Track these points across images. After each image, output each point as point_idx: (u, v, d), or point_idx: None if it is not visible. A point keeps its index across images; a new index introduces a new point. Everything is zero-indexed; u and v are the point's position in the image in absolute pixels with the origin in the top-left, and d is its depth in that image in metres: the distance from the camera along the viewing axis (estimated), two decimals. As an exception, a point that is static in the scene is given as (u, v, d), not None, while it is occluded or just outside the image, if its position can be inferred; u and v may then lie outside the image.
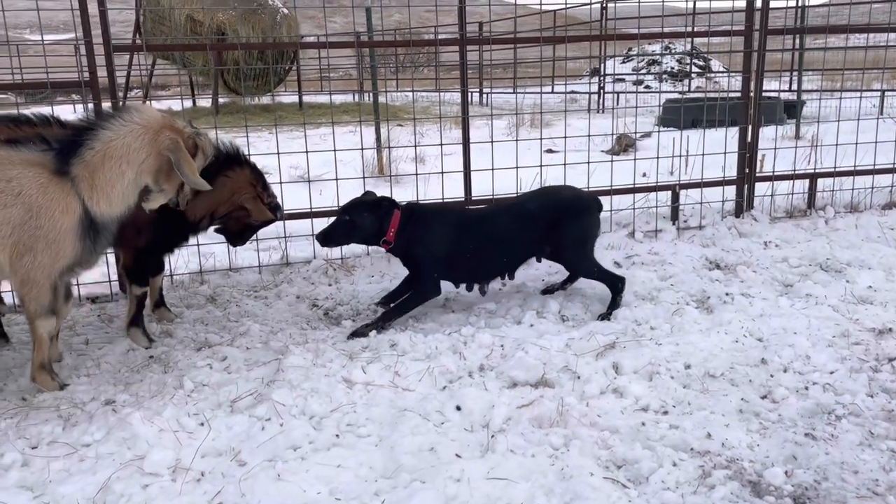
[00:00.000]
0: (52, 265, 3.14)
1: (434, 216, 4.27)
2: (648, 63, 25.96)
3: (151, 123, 3.25)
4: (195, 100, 20.14)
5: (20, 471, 2.69)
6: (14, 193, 3.02)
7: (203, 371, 3.47)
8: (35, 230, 3.06)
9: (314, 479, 2.55)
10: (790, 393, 3.11)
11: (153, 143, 3.21)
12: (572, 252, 4.28)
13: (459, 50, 5.13)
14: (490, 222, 4.28)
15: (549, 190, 4.62)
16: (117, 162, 3.16)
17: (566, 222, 4.21)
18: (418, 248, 4.12)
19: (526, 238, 4.26)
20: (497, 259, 4.27)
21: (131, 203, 3.29)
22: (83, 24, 4.33)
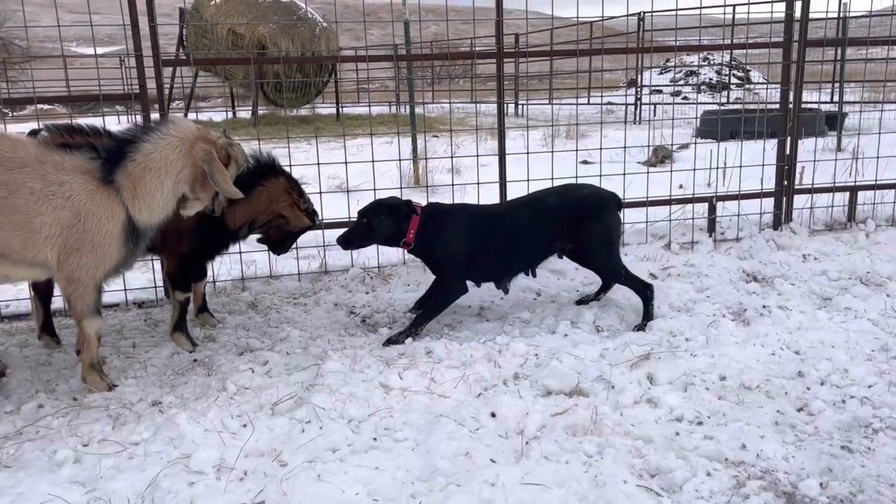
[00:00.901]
0: (97, 267, 3.30)
1: (452, 215, 4.28)
2: (686, 74, 25.81)
3: (187, 136, 3.40)
4: (235, 111, 20.57)
5: (72, 467, 2.80)
6: (65, 197, 3.18)
7: (245, 375, 3.58)
8: (82, 233, 3.22)
9: (353, 480, 2.62)
10: (827, 406, 3.10)
11: (189, 155, 3.37)
12: (595, 251, 4.27)
13: (496, 63, 5.21)
14: (508, 218, 4.28)
15: (567, 187, 4.60)
16: (157, 174, 3.32)
17: (586, 220, 4.20)
18: (438, 247, 4.16)
19: (544, 234, 4.24)
20: (516, 255, 4.28)
21: (170, 211, 3.45)
22: (134, 39, 4.50)
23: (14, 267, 3.25)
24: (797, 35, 5.43)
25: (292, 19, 18.51)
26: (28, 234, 3.18)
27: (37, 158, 3.17)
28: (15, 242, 3.17)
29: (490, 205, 4.60)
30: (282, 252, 4.32)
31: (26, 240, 3.18)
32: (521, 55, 8.20)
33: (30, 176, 3.14)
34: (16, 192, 3.11)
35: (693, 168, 5.66)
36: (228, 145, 3.52)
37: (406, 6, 8.08)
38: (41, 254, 3.22)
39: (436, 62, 25.39)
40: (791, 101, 5.55)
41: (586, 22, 18.94)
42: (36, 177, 3.15)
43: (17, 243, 3.17)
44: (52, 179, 3.18)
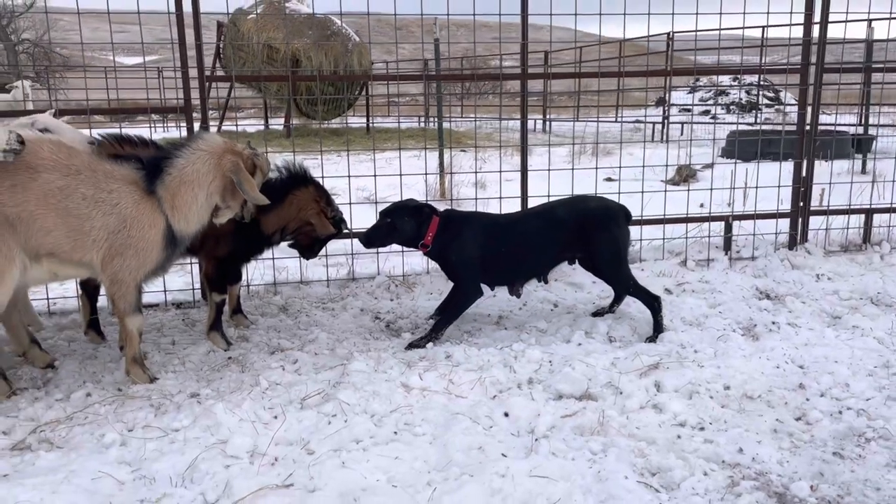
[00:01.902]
0: (139, 269, 3.59)
1: (467, 221, 4.49)
2: (716, 94, 25.84)
3: (215, 149, 3.71)
4: (268, 123, 21.06)
5: (119, 449, 3.05)
6: (113, 204, 3.48)
7: (276, 372, 3.83)
8: (127, 238, 3.51)
9: (374, 468, 2.84)
10: (824, 416, 3.27)
11: (218, 167, 3.67)
12: (605, 262, 4.47)
13: (521, 83, 5.44)
14: (520, 226, 4.48)
15: (578, 198, 4.79)
16: (190, 187, 3.62)
17: (594, 230, 4.39)
18: (453, 252, 4.37)
19: (554, 242, 4.43)
20: (527, 261, 4.47)
21: (205, 220, 3.76)
22: (181, 56, 4.81)
23: (62, 266, 3.53)
24: (815, 58, 5.59)
25: (326, 34, 18.96)
26: (78, 237, 3.46)
27: (89, 166, 3.47)
28: (65, 243, 3.45)
29: (504, 214, 4.79)
30: (311, 257, 4.57)
31: (76, 241, 3.46)
32: (545, 76, 8.38)
33: (83, 182, 3.43)
34: (70, 196, 3.40)
35: (710, 188, 5.83)
36: (254, 156, 3.82)
37: (437, 24, 8.36)
38: (88, 255, 3.51)
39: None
40: (808, 123, 5.70)
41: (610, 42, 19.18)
42: (88, 183, 3.44)
43: (67, 244, 3.46)
44: (103, 187, 3.47)
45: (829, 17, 5.46)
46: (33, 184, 3.35)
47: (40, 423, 3.32)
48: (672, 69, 6.99)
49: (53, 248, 3.46)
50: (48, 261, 3.49)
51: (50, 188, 3.37)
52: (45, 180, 3.36)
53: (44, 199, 3.37)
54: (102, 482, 2.77)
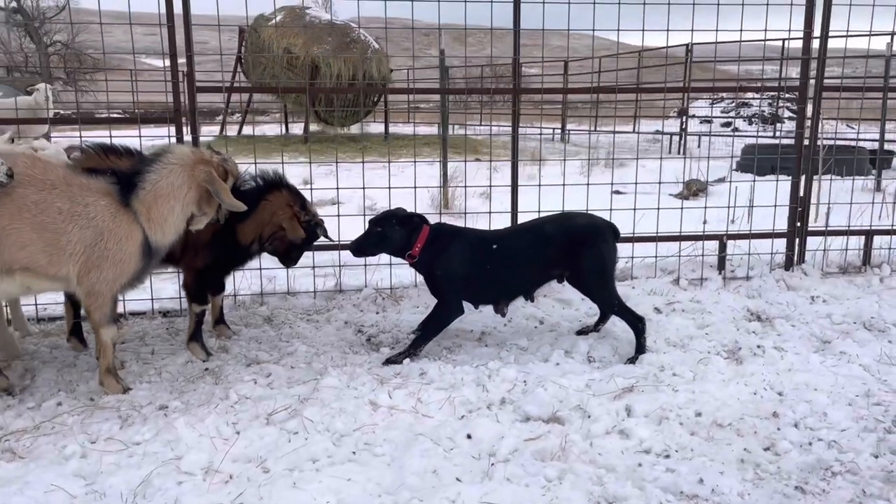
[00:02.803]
0: (115, 281, 3.61)
1: (456, 237, 4.45)
2: (738, 105, 25.56)
3: (186, 161, 3.74)
4: (287, 127, 21.21)
5: (78, 461, 3.06)
6: (89, 217, 3.50)
7: (248, 385, 3.82)
8: (104, 251, 3.52)
9: (325, 489, 2.82)
10: (793, 447, 3.18)
11: (192, 178, 3.70)
12: (590, 280, 4.40)
13: (513, 99, 5.40)
14: (507, 244, 4.42)
15: (565, 215, 4.75)
16: (166, 200, 3.65)
17: (581, 248, 4.33)
18: (439, 266, 4.34)
19: (541, 261, 4.39)
20: (513, 280, 4.43)
21: (181, 230, 3.79)
22: (172, 65, 4.84)
23: (38, 280, 3.54)
24: (814, 74, 5.49)
25: (345, 41, 19.07)
26: (54, 251, 3.48)
27: (65, 180, 3.50)
28: (41, 258, 3.47)
29: (492, 230, 4.75)
30: (290, 265, 4.53)
31: (52, 255, 3.48)
32: (535, 91, 8.36)
33: (58, 197, 3.45)
34: (45, 210, 3.42)
35: (705, 206, 5.75)
36: (223, 161, 3.85)
37: (441, 36, 8.36)
38: (64, 269, 3.52)
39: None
40: (807, 141, 5.60)
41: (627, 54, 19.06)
42: (64, 198, 3.46)
43: (43, 258, 3.47)
44: (79, 201, 3.49)
45: (829, 32, 5.35)
46: (7, 198, 3.37)
47: (7, 432, 3.35)
48: (666, 86, 6.87)
49: (29, 262, 3.47)
50: (22, 275, 3.50)
51: (25, 203, 3.39)
52: (19, 195, 3.38)
53: (18, 214, 3.38)
54: (54, 496, 2.79)
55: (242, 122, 19.98)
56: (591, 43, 5.91)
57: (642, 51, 17.89)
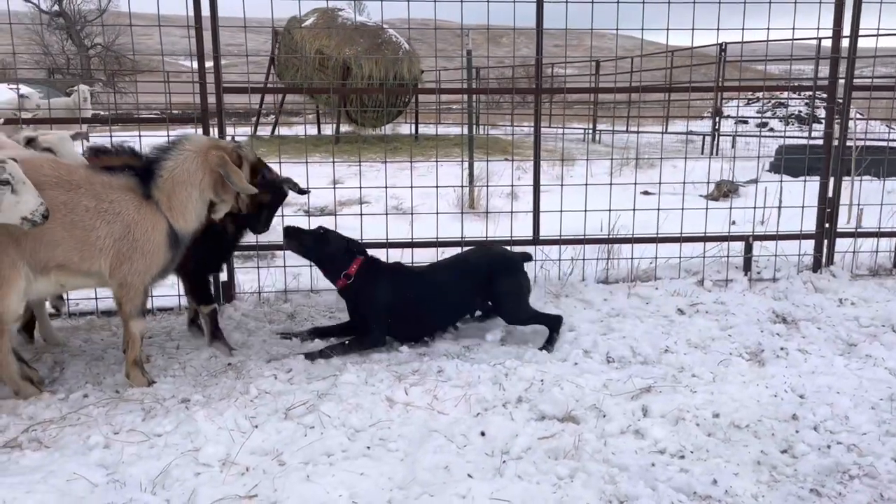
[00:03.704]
0: (146, 272, 3.74)
1: (386, 273, 4.56)
2: (774, 105, 25.14)
3: (200, 147, 3.82)
4: (320, 128, 21.40)
5: (101, 452, 3.15)
6: (115, 213, 3.62)
7: (268, 380, 3.89)
8: (133, 243, 3.65)
9: (338, 482, 2.86)
10: (811, 450, 3.14)
11: (205, 163, 3.78)
12: (506, 305, 4.62)
13: (535, 98, 5.40)
14: (431, 281, 4.59)
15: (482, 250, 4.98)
16: (183, 186, 3.75)
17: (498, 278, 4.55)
18: (365, 299, 4.44)
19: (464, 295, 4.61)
20: (439, 316, 4.63)
21: (202, 217, 3.89)
22: (199, 66, 4.94)
23: (72, 276, 3.69)
24: (843, 74, 5.40)
25: (377, 42, 19.19)
26: (85, 247, 3.61)
27: (87, 179, 3.62)
28: (74, 255, 3.60)
29: (417, 267, 4.87)
30: (261, 229, 4.40)
31: (83, 252, 3.61)
32: (558, 91, 8.36)
33: (84, 195, 3.58)
34: (74, 209, 3.55)
35: (730, 207, 5.68)
36: (238, 148, 3.93)
37: (469, 36, 8.38)
38: (96, 264, 3.66)
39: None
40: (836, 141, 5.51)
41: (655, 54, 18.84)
42: (89, 196, 3.58)
43: (76, 255, 3.61)
44: (104, 198, 3.61)
45: (859, 31, 5.26)
46: None
47: (35, 422, 3.45)
48: (691, 85, 6.80)
49: (63, 260, 3.61)
50: (57, 273, 3.64)
51: (54, 204, 3.48)
52: (49, 197, 3.46)
53: (50, 215, 3.49)
54: (76, 484, 2.86)
55: (276, 123, 20.19)
56: (615, 43, 5.87)
57: (673, 51, 17.70)
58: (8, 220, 3.24)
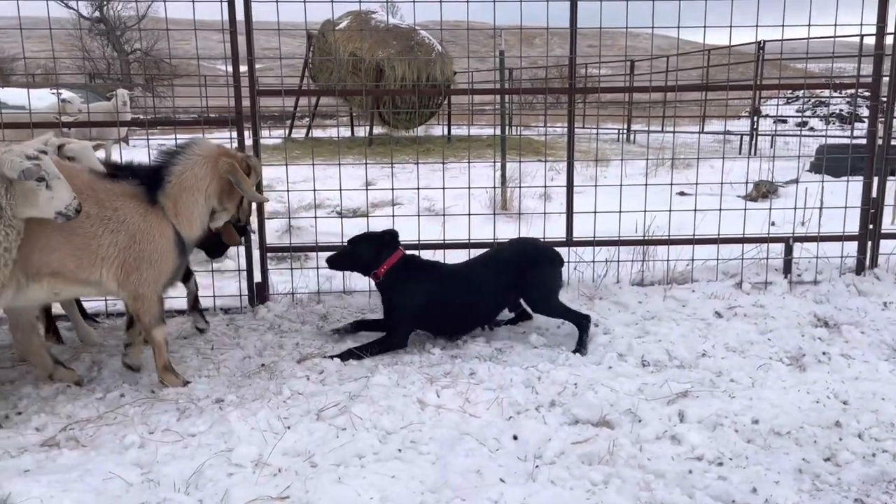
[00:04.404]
0: (157, 281, 3.72)
1: (421, 270, 4.57)
2: (815, 104, 24.62)
3: (209, 153, 3.83)
4: (353, 130, 21.52)
5: (137, 451, 3.18)
6: (120, 221, 3.60)
7: (301, 381, 3.90)
8: (140, 252, 3.63)
9: (369, 485, 2.85)
10: (856, 458, 3.05)
11: (214, 170, 3.79)
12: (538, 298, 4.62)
13: (569, 98, 5.34)
14: (467, 276, 4.60)
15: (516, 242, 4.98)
16: (190, 192, 3.74)
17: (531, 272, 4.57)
18: (398, 296, 4.46)
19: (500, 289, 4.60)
20: (475, 311, 4.64)
21: (206, 224, 3.88)
22: (234, 70, 4.98)
23: (66, 284, 3.61)
24: (888, 71, 5.24)
25: (409, 45, 19.24)
26: (84, 255, 3.56)
27: (90, 185, 3.59)
28: (70, 262, 3.54)
29: (453, 264, 4.85)
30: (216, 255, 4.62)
31: (81, 260, 3.56)
32: (592, 91, 8.28)
33: (86, 202, 3.48)
34: None
35: (769, 207, 5.56)
36: (247, 157, 3.94)
37: (502, 37, 8.34)
38: (95, 273, 3.61)
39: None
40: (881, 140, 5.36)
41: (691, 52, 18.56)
42: (91, 202, 3.52)
43: (72, 263, 3.55)
44: (107, 205, 3.59)
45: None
46: None
47: (73, 421, 3.50)
48: (728, 84, 6.67)
49: (58, 266, 3.53)
50: (50, 280, 3.55)
51: None
52: None
53: (46, 219, 3.37)
54: (112, 483, 2.89)
55: (310, 125, 20.35)
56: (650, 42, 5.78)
57: (710, 49, 17.44)
58: (43, 214, 3.27)
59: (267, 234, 5.45)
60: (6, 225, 3.20)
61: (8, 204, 3.18)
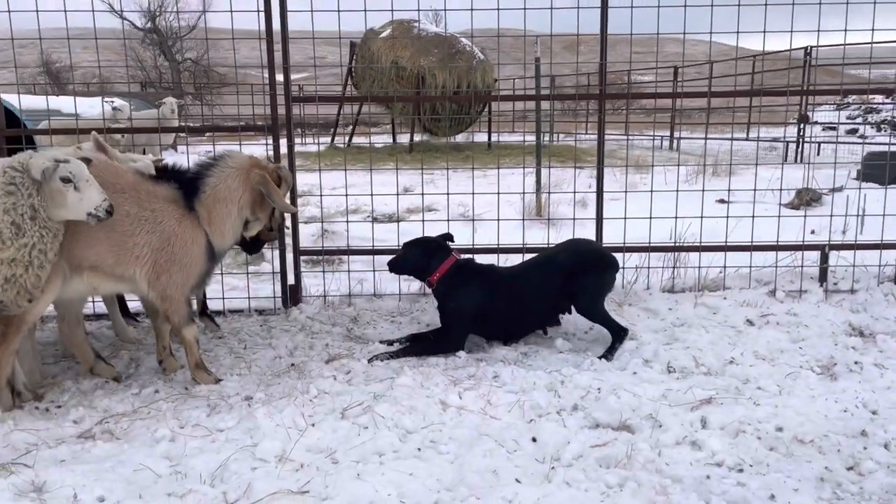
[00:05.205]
0: (185, 284, 3.86)
1: (474, 275, 4.59)
2: (865, 111, 24.01)
3: (242, 165, 3.95)
4: (395, 138, 21.72)
5: (167, 444, 3.30)
6: (156, 222, 3.75)
7: (328, 381, 3.98)
8: (171, 255, 3.77)
9: (387, 482, 2.91)
10: (880, 467, 3.00)
11: (247, 181, 3.91)
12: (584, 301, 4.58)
13: (599, 104, 5.35)
14: (520, 281, 4.59)
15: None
16: (224, 203, 3.88)
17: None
18: (451, 301, 4.50)
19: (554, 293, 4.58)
20: (528, 315, 4.64)
21: (238, 233, 4.01)
22: (270, 79, 5.12)
23: (104, 279, 3.79)
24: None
25: (451, 53, 19.36)
26: (121, 252, 3.73)
27: (133, 186, 3.75)
28: (108, 258, 3.72)
29: (507, 268, 4.87)
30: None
31: (119, 256, 3.73)
32: (622, 97, 8.25)
33: (127, 201, 3.68)
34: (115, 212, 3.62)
35: (804, 215, 5.47)
36: (278, 168, 4.05)
37: (537, 44, 8.36)
38: (130, 270, 3.77)
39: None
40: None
41: (746, 58, 18.24)
42: (132, 202, 3.70)
43: (111, 258, 3.72)
44: (146, 206, 3.75)
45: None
46: None
47: (109, 415, 3.65)
48: (763, 89, 6.58)
49: (96, 261, 3.71)
50: (90, 273, 3.74)
51: None
52: None
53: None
54: (142, 474, 3.01)
55: (352, 132, 20.63)
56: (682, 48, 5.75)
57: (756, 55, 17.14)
58: (74, 216, 3.43)
59: (303, 237, 5.58)
60: (41, 227, 3.36)
61: (40, 206, 3.34)
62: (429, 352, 4.43)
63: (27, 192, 3.31)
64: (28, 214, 3.32)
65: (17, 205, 3.30)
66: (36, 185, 3.33)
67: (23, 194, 3.31)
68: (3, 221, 3.28)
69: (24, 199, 3.31)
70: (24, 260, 3.35)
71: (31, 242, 3.34)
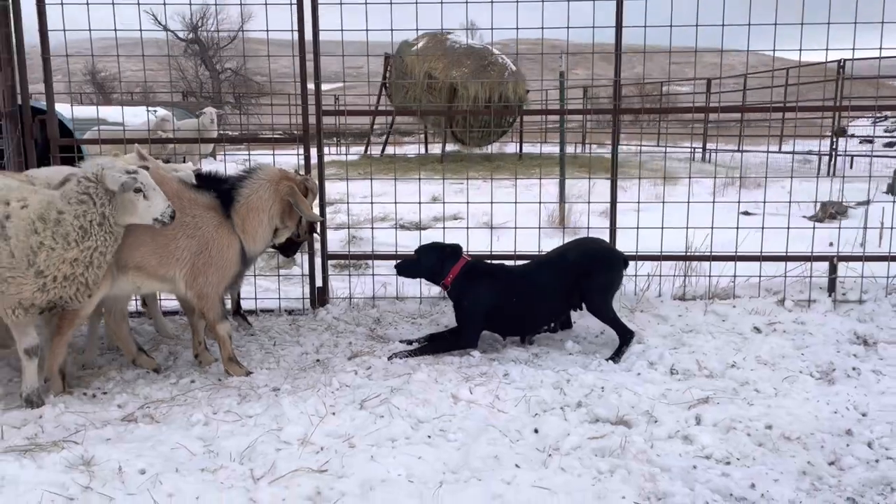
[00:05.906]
0: (220, 284, 4.23)
1: (485, 275, 4.83)
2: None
3: (272, 177, 4.30)
4: (427, 147, 22.11)
5: (202, 428, 3.61)
6: (196, 227, 4.12)
7: (350, 375, 4.28)
8: (208, 258, 4.13)
9: (398, 464, 3.18)
10: (859, 463, 3.19)
11: (276, 192, 4.26)
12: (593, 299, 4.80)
13: (613, 119, 5.59)
14: (530, 278, 4.81)
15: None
16: (257, 213, 4.22)
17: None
18: (464, 300, 4.74)
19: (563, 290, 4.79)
20: (538, 311, 4.85)
21: (269, 240, 4.37)
22: (302, 91, 5.46)
23: (147, 279, 4.16)
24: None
25: (483, 65, 19.67)
26: (164, 254, 4.10)
27: (177, 193, 4.10)
28: (152, 259, 4.09)
29: (517, 266, 5.12)
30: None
31: (161, 258, 4.10)
32: (635, 112, 8.41)
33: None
34: None
35: (813, 227, 5.63)
36: (305, 180, 4.38)
37: (562, 58, 8.62)
38: (171, 271, 4.14)
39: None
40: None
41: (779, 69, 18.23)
42: (176, 209, 3.99)
43: (154, 260, 4.10)
44: (188, 212, 4.11)
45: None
46: None
47: (149, 401, 3.99)
48: (785, 105, 6.74)
49: (141, 262, 4.09)
50: (134, 273, 4.11)
51: None
52: None
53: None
54: (178, 452, 3.33)
55: (385, 142, 21.06)
56: (694, 60, 5.95)
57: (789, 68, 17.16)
58: (143, 221, 3.81)
59: (332, 243, 5.91)
60: (107, 232, 3.72)
61: (111, 213, 3.71)
62: (444, 348, 4.70)
63: (100, 202, 3.68)
64: (97, 221, 3.69)
65: (88, 212, 3.67)
66: (109, 195, 3.70)
67: (95, 203, 3.67)
68: (73, 226, 3.64)
69: (97, 208, 3.68)
70: (86, 260, 3.71)
71: (95, 245, 3.70)
